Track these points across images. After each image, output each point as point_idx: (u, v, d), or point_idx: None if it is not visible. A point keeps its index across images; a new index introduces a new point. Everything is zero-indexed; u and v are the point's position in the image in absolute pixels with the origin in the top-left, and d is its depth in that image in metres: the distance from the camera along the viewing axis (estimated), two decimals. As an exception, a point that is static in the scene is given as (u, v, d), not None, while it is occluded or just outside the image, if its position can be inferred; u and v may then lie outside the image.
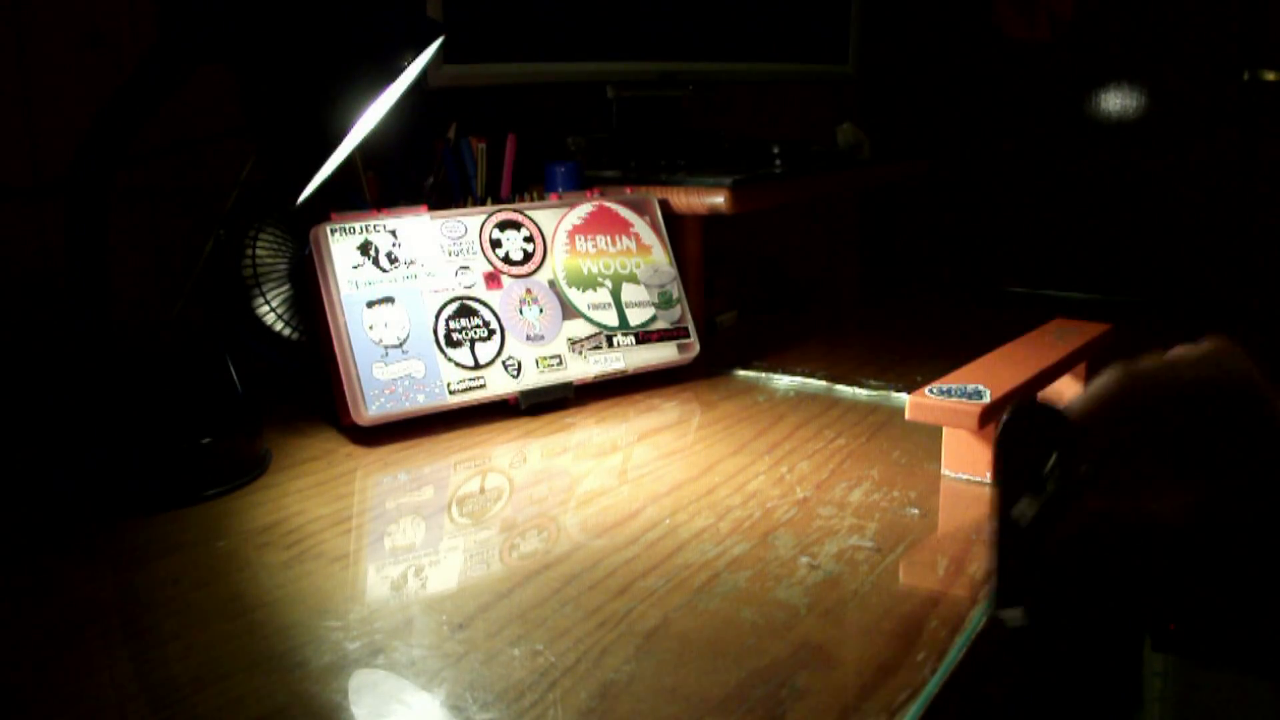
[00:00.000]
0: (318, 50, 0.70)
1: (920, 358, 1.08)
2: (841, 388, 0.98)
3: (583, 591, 0.58)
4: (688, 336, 1.00)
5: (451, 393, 0.86)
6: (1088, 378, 0.90)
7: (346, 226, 0.87)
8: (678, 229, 1.07)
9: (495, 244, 0.94)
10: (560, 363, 0.92)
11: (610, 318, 0.97)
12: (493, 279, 0.92)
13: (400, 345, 0.85)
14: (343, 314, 0.84)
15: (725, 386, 1.00)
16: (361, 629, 0.55)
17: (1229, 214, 1.92)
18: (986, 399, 0.72)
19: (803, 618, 0.55)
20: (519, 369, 0.90)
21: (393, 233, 0.89)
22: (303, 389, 0.96)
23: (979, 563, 0.62)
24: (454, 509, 0.72)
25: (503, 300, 0.92)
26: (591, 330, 0.95)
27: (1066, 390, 0.90)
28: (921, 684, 0.49)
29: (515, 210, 0.97)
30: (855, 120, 1.43)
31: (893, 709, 0.47)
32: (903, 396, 0.93)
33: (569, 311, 0.95)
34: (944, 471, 0.75)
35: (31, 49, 0.88)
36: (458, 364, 0.87)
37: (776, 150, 1.25)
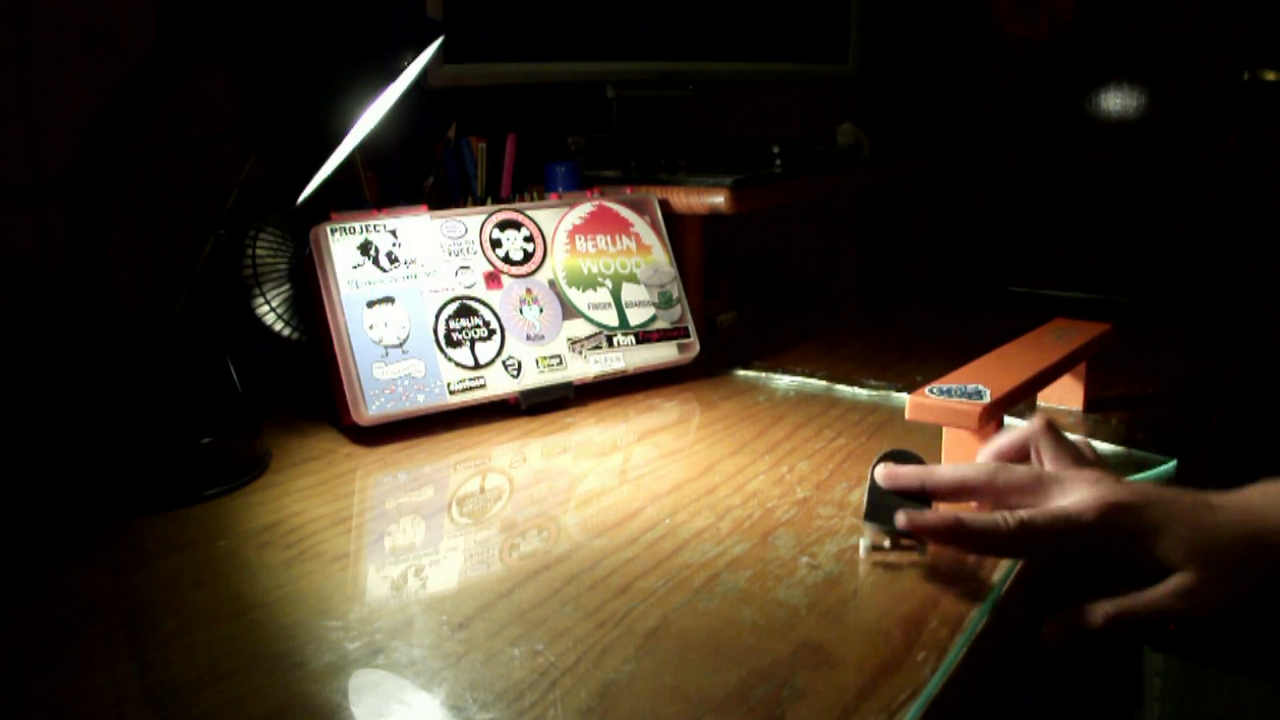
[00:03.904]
0: (318, 50, 0.70)
1: (920, 358, 1.08)
2: (841, 388, 0.98)
3: (583, 591, 0.58)
4: (688, 336, 1.00)
5: (451, 393, 0.86)
6: (1088, 378, 0.90)
7: (346, 226, 0.87)
8: (678, 229, 1.07)
9: (495, 244, 0.94)
10: (560, 362, 0.92)
11: (610, 318, 0.97)
12: (493, 279, 0.92)
13: (400, 345, 0.85)
14: (343, 314, 0.84)
15: (725, 386, 1.00)
16: (361, 629, 0.55)
17: (1229, 214, 1.92)
18: (986, 399, 0.72)
19: (803, 618, 0.55)
20: (519, 369, 0.90)
21: (393, 233, 0.89)
22: (303, 389, 0.96)
23: (979, 563, 0.62)
24: (454, 509, 0.72)
25: (503, 300, 0.92)
26: (591, 330, 0.95)
27: (1067, 391, 0.90)
28: (921, 684, 0.49)
29: (515, 210, 0.97)
30: (855, 120, 1.43)
31: (893, 709, 0.47)
32: (903, 396, 0.93)
33: (569, 311, 0.95)
34: (944, 471, 0.75)
35: (31, 48, 0.88)
36: (458, 364, 0.87)
37: (776, 150, 1.25)
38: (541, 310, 0.93)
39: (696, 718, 0.47)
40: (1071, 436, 0.83)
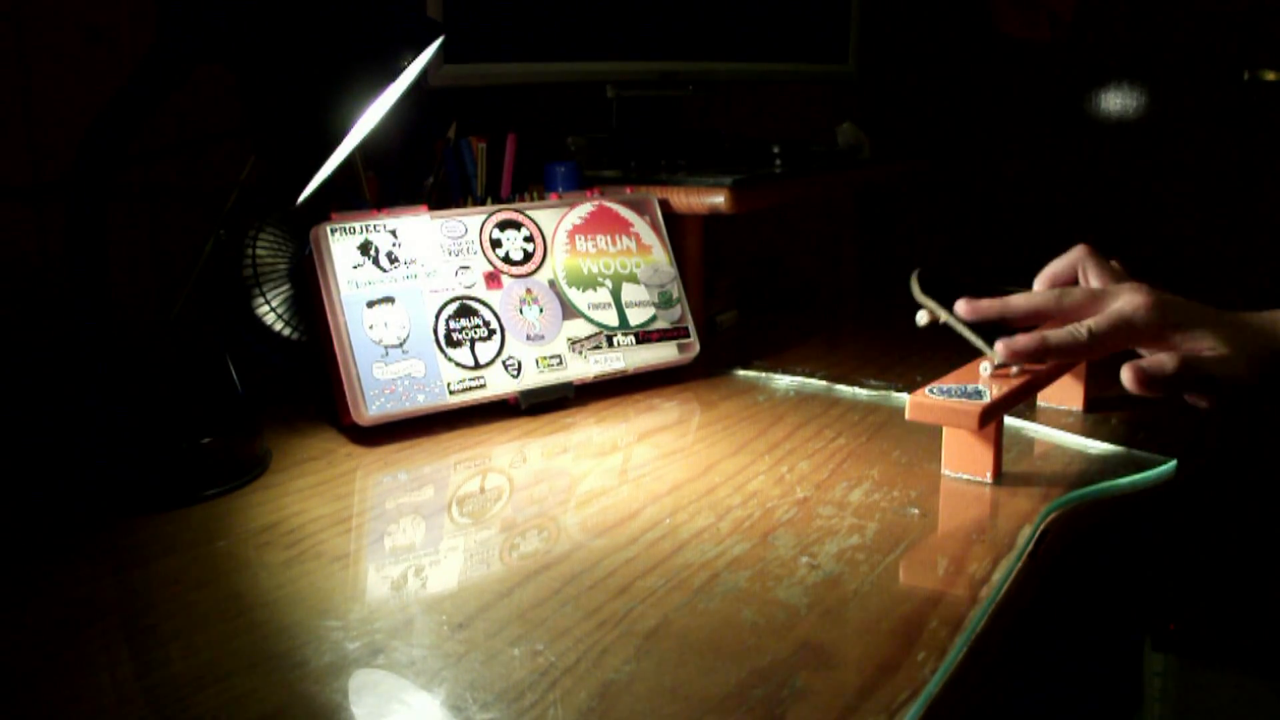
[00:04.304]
0: (318, 50, 0.70)
1: (920, 358, 1.08)
2: (841, 388, 0.98)
3: (583, 591, 0.58)
4: (688, 336, 1.00)
5: (451, 393, 0.86)
6: (1088, 378, 0.90)
7: (346, 226, 0.87)
8: (678, 229, 1.07)
9: (495, 244, 0.94)
10: (560, 362, 0.92)
11: (610, 318, 0.97)
12: (493, 279, 0.92)
13: (400, 345, 0.85)
14: (343, 314, 0.84)
15: (725, 386, 1.00)
16: (361, 629, 0.55)
17: (1229, 214, 1.92)
18: (986, 399, 0.72)
19: (803, 618, 0.55)
20: (519, 369, 0.90)
21: (393, 232, 0.89)
22: (303, 389, 0.96)
23: (979, 563, 0.62)
24: (454, 509, 0.72)
25: (503, 300, 0.92)
26: (591, 330, 0.95)
27: (1067, 391, 0.90)
28: (921, 684, 0.49)
29: (515, 210, 0.97)
30: (855, 120, 1.43)
31: (893, 709, 0.47)
32: (903, 396, 0.93)
33: (569, 311, 0.95)
34: (944, 471, 0.75)
35: (31, 47, 0.88)
36: (458, 364, 0.87)
37: (776, 150, 1.25)
38: (541, 310, 0.93)
39: (696, 718, 0.47)
40: (1071, 435, 0.84)
